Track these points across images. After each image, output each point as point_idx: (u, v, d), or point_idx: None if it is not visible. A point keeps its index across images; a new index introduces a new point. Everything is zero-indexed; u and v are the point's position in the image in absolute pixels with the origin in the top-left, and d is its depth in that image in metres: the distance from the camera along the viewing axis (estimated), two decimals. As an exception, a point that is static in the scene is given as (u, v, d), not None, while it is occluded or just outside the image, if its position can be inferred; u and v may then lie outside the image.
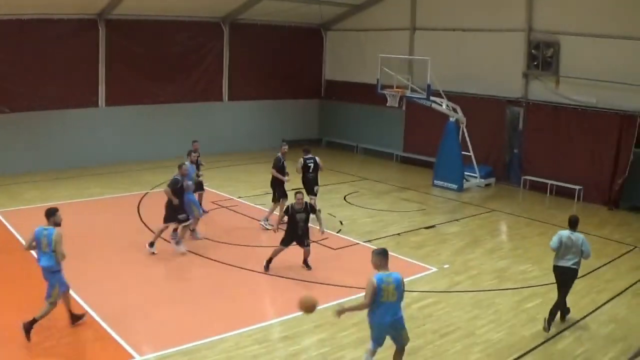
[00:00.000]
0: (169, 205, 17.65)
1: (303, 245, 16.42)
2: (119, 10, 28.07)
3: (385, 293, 10.22)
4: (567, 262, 13.31)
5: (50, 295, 12.48)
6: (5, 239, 18.53)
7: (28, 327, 12.13)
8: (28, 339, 12.02)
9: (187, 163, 19.03)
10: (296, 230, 16.25)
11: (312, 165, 20.33)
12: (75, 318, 13.05)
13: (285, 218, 16.43)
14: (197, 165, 20.60)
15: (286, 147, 20.70)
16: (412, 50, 31.16)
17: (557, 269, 13.52)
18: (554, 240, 13.39)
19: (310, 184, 20.35)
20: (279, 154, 20.28)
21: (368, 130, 33.30)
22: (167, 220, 17.71)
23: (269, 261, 16.46)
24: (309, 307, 10.72)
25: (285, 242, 16.39)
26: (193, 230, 18.93)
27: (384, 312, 10.35)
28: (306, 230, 16.43)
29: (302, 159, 20.31)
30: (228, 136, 32.93)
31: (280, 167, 20.02)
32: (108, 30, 28.81)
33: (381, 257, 10.52)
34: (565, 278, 13.43)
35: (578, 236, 13.36)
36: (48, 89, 27.51)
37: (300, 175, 20.42)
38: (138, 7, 28.56)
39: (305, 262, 16.70)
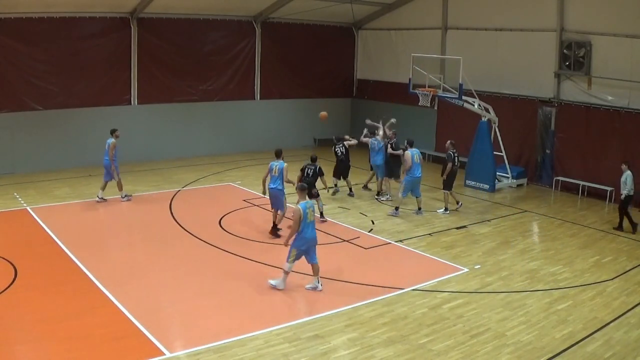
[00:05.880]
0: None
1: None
2: (151, 8, 28.32)
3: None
4: None
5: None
6: (36, 235, 18.80)
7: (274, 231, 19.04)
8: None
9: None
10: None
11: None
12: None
13: None
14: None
15: None
16: (444, 50, 31.06)
17: None
18: None
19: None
20: None
21: (400, 129, 33.14)
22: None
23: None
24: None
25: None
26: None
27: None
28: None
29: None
30: (259, 135, 33.04)
31: None
32: (140, 29, 29.05)
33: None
34: None
35: None
36: (80, 86, 27.88)
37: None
38: (170, 6, 28.81)
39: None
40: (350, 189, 24.43)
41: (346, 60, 37.31)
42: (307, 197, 15.44)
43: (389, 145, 24.06)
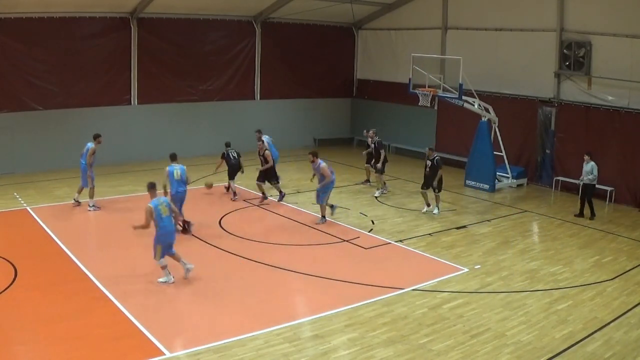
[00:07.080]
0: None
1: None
2: (151, 8, 28.34)
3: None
4: None
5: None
6: (36, 235, 18.84)
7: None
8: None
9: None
10: None
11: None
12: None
13: None
14: None
15: None
16: (444, 50, 31.04)
17: None
18: None
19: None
20: None
21: (400, 129, 33.25)
22: None
23: None
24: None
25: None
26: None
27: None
28: None
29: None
30: (259, 135, 33.06)
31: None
32: (140, 29, 29.06)
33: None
34: None
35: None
36: (80, 86, 27.89)
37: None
38: (170, 6, 28.81)
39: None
40: (234, 193, 23.73)
41: (346, 60, 37.28)
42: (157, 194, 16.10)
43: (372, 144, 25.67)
